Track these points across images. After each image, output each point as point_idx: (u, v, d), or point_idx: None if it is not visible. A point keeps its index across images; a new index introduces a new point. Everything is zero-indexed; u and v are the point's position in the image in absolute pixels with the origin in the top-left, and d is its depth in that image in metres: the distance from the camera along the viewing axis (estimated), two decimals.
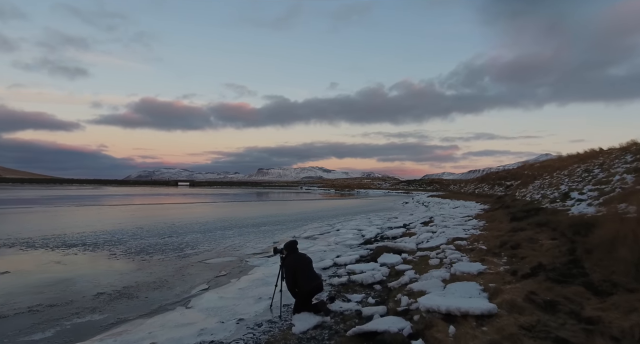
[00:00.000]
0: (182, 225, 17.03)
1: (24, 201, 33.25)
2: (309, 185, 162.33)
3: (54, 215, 21.05)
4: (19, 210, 23.98)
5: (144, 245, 11.78)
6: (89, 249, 10.87)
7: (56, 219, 19.17)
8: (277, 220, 20.32)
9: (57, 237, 12.95)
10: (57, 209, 25.27)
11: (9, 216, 20.55)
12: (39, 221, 18.31)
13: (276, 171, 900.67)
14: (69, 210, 24.56)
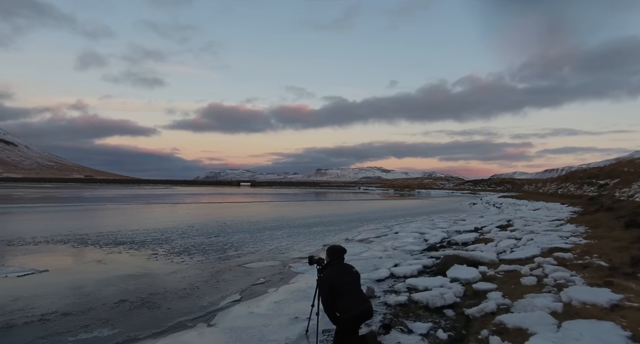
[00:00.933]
0: (233, 224, 16.55)
1: (102, 199, 36.22)
2: (366, 185, 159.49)
3: (120, 213, 22.08)
4: (93, 207, 25.79)
5: (189, 245, 11.24)
6: (134, 248, 10.55)
7: (119, 216, 19.97)
8: (330, 220, 19.07)
9: (112, 234, 13.03)
10: (125, 206, 26.77)
11: (81, 212, 21.99)
12: (103, 218, 19.17)
13: (334, 172, 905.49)
14: (135, 208, 25.82)
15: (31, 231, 13.19)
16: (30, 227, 14.75)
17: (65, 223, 16.35)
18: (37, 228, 14.24)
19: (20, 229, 13.85)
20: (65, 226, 14.85)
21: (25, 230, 13.58)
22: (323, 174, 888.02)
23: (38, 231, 13.43)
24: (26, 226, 15.33)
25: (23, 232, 13.06)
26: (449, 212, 26.39)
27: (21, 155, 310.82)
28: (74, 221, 17.35)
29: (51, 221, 17.60)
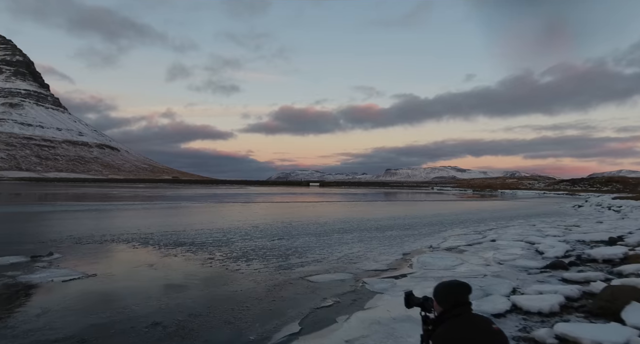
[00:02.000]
0: (299, 225, 15.23)
1: (180, 198, 38.20)
2: (441, 185, 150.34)
3: (192, 211, 22.33)
4: (170, 206, 26.79)
5: (249, 248, 10.04)
6: (192, 251, 9.64)
7: (190, 215, 20.03)
8: (406, 223, 16.77)
9: (175, 233, 12.49)
10: (199, 205, 27.39)
11: (157, 211, 22.72)
12: (175, 216, 19.32)
13: (404, 171, 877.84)
14: (208, 207, 26.20)
15: (104, 228, 13.30)
16: (106, 224, 15.10)
17: (139, 221, 16.59)
18: (111, 225, 14.44)
19: (96, 226, 14.13)
20: (137, 224, 14.91)
21: (100, 227, 13.79)
22: (393, 174, 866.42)
23: (110, 228, 13.51)
24: (104, 223, 15.78)
25: (97, 229, 13.20)
26: (550, 216, 22.11)
27: (123, 159, 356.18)
28: (147, 219, 17.63)
29: (127, 218, 18.15)
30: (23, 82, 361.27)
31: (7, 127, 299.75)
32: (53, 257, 8.53)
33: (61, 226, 14.86)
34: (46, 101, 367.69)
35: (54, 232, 12.58)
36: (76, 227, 14.21)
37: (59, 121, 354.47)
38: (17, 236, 11.67)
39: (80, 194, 42.93)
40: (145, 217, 18.83)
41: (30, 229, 13.87)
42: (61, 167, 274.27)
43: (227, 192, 57.77)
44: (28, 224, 15.46)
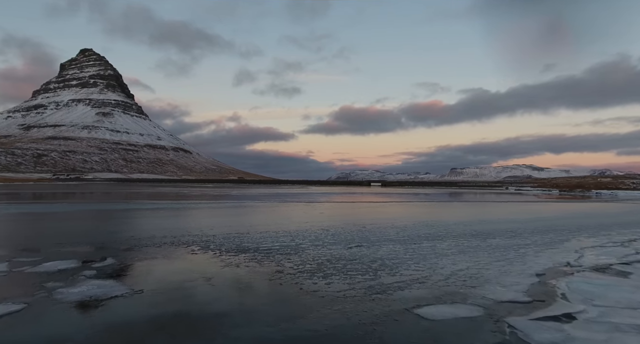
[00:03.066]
0: (375, 229, 13.05)
1: (245, 197, 38.15)
2: (517, 185, 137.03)
3: (255, 211, 21.30)
4: (234, 205, 26.26)
5: (324, 258, 8.14)
6: (257, 259, 8.00)
7: (254, 215, 18.91)
8: (506, 229, 13.67)
9: (239, 236, 11.09)
10: (262, 205, 26.52)
11: (222, 210, 22.10)
12: (238, 216, 18.30)
13: (472, 171, 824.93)
14: (271, 206, 25.16)
15: (167, 229, 12.43)
16: (170, 223, 14.36)
17: (203, 221, 15.73)
18: (175, 225, 13.62)
19: (160, 226, 13.38)
20: (200, 224, 13.95)
21: (164, 227, 12.99)
22: (458, 173, 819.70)
23: (173, 228, 12.61)
24: (168, 222, 15.13)
25: (160, 229, 12.36)
26: None
27: (194, 161, 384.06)
28: (211, 219, 16.77)
29: (192, 217, 17.50)
30: (113, 93, 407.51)
31: (100, 133, 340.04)
32: (105, 263, 7.42)
33: (127, 225, 14.43)
34: (131, 110, 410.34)
35: (117, 232, 11.95)
36: (140, 226, 13.61)
37: (142, 127, 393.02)
38: (81, 236, 11.13)
39: (155, 193, 45.30)
40: (209, 216, 18.09)
41: (97, 228, 13.54)
42: (143, 169, 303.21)
43: (290, 192, 57.43)
44: (97, 223, 15.35)
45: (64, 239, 10.47)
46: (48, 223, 14.94)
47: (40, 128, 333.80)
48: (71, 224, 14.57)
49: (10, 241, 10.02)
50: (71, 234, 11.62)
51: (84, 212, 19.92)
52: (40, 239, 10.50)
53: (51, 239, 10.51)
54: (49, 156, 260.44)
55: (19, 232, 11.78)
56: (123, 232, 11.95)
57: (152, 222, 15.15)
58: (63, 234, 11.63)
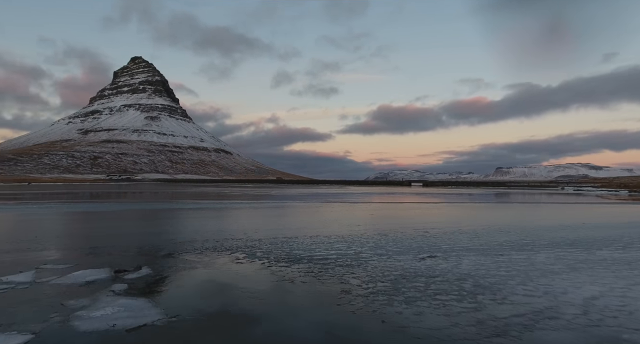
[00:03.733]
0: (441, 234, 11.20)
1: (286, 197, 37.28)
2: (574, 184, 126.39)
3: (300, 212, 20.06)
4: (277, 205, 25.25)
5: (395, 272, 6.54)
6: (314, 273, 6.57)
7: (300, 216, 17.64)
8: (604, 236, 11.20)
9: (287, 242, 9.76)
10: (306, 205, 25.29)
11: (265, 210, 21.09)
12: (284, 217, 17.11)
13: (519, 170, 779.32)
14: (315, 207, 23.86)
15: (210, 231, 11.41)
16: (213, 225, 13.40)
17: (246, 222, 14.68)
18: (217, 227, 12.61)
19: (202, 228, 12.42)
20: (244, 226, 12.85)
21: (206, 229, 12.00)
22: (504, 173, 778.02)
23: (216, 231, 11.56)
24: (211, 224, 14.21)
25: (202, 232, 11.37)
26: None
27: (234, 161, 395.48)
28: (255, 220, 15.70)
29: (235, 219, 16.54)
30: (160, 98, 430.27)
31: (148, 136, 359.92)
32: (139, 274, 6.33)
33: (169, 226, 13.66)
34: (176, 113, 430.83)
35: (158, 234, 11.09)
36: (182, 228, 12.74)
37: (186, 130, 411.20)
38: (121, 238, 10.34)
39: (199, 193, 45.80)
40: (252, 217, 17.06)
41: (139, 229, 12.83)
42: (187, 170, 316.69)
43: (329, 192, 56.07)
44: (139, 223, 14.77)
45: (103, 241, 9.71)
46: (93, 223, 14.58)
47: (96, 132, 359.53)
48: (115, 224, 14.07)
49: (48, 242, 9.39)
50: (111, 235, 10.90)
51: (130, 212, 19.71)
52: (79, 240, 9.81)
53: (90, 241, 9.79)
54: (103, 158, 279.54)
55: (61, 232, 11.30)
56: (164, 234, 11.07)
57: (194, 223, 14.30)
58: (103, 236, 10.96)
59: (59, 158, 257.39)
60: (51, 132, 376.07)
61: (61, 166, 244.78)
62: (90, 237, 10.53)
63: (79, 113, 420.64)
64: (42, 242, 9.28)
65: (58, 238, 10.00)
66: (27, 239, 9.78)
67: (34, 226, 12.64)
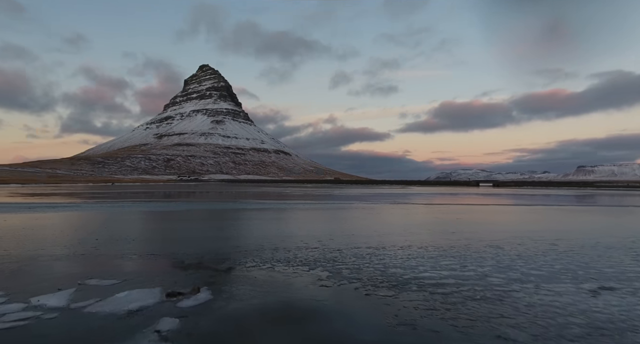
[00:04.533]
0: (577, 249, 8.28)
1: (350, 198, 35.27)
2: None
3: (372, 214, 17.86)
4: (342, 205, 23.33)
5: (575, 322, 4.12)
6: (436, 309, 4.41)
7: (374, 219, 15.47)
8: None
9: (374, 254, 7.70)
10: (375, 206, 23.02)
11: (332, 211, 19.26)
12: (358, 220, 15.05)
13: (607, 169, 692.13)
14: (387, 208, 21.49)
15: (278, 236, 9.77)
16: (281, 229, 11.79)
17: (318, 226, 12.90)
18: (286, 231, 10.95)
19: (269, 232, 10.86)
20: (316, 230, 11.04)
21: (273, 234, 10.40)
22: (588, 172, 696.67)
23: (285, 236, 9.89)
24: (278, 227, 12.66)
25: (269, 237, 9.77)
26: None
27: (293, 162, 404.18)
28: (327, 223, 13.88)
29: (303, 221, 14.86)
30: (224, 102, 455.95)
31: (214, 139, 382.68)
32: (195, 300, 4.71)
33: (234, 229, 12.34)
34: (239, 117, 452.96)
35: (222, 240, 9.69)
36: (248, 232, 11.29)
37: (248, 132, 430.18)
38: (181, 244, 9.08)
39: (261, 193, 45.76)
40: (322, 220, 15.29)
41: (202, 233, 11.63)
42: (249, 171, 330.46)
43: (394, 192, 52.94)
44: (204, 226, 13.70)
45: (162, 247, 8.50)
46: (157, 224, 13.89)
47: (169, 136, 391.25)
48: (178, 226, 13.17)
49: (106, 247, 8.41)
50: (172, 241, 9.76)
51: (196, 212, 19.12)
52: (137, 246, 8.72)
53: (149, 246, 8.65)
54: (175, 160, 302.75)
55: (122, 235, 10.48)
56: (228, 240, 9.65)
57: (260, 226, 12.87)
58: (164, 240, 9.87)
59: (137, 161, 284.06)
60: (132, 138, 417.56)
61: (140, 168, 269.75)
62: (149, 242, 9.45)
63: (155, 119, 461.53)
64: (100, 247, 8.30)
65: (117, 242, 9.04)
66: (87, 242, 8.93)
67: (99, 227, 12.11)
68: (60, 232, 10.47)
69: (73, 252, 7.71)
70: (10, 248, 8.03)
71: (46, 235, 9.90)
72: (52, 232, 10.41)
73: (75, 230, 11.14)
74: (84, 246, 8.31)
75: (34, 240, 9.07)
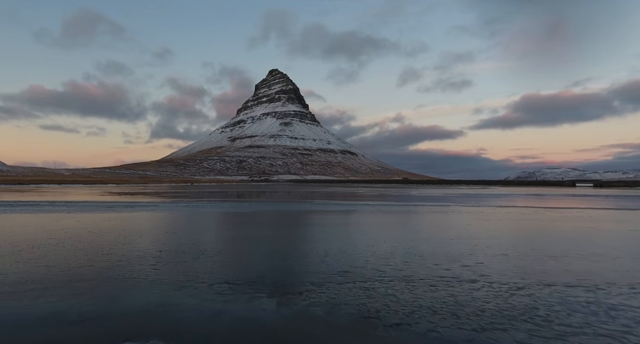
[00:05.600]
0: None
1: (434, 198, 31.47)
2: None
3: (477, 217, 14.42)
4: (431, 209, 19.97)
5: None
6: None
7: (475, 224, 12.11)
8: None
9: (547, 297, 4.75)
10: (471, 209, 19.29)
11: (427, 215, 16.14)
12: (461, 229, 11.85)
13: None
14: (481, 211, 17.69)
15: (377, 255, 7.24)
16: (373, 241, 9.23)
17: (420, 237, 10.06)
18: (383, 248, 8.35)
19: (360, 248, 8.37)
20: (423, 247, 8.28)
21: (368, 250, 7.89)
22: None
23: (385, 255, 7.31)
24: (368, 238, 10.11)
25: (364, 254, 7.28)
26: None
27: (359, 162, 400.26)
28: (427, 234, 10.96)
29: (393, 228, 12.10)
30: (292, 105, 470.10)
31: (282, 141, 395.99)
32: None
33: (311, 240, 10.05)
34: (306, 118, 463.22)
35: (298, 258, 7.42)
36: (332, 245, 8.90)
37: (314, 133, 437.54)
38: (248, 264, 7.00)
39: (330, 193, 43.86)
40: (421, 228, 12.37)
41: (275, 245, 9.55)
42: (315, 171, 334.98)
43: (479, 193, 47.21)
44: (275, 233, 11.67)
45: (237, 271, 6.50)
46: (231, 229, 12.29)
47: (241, 139, 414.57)
48: (251, 233, 11.34)
49: (160, 270, 6.66)
50: (241, 260, 7.77)
51: (266, 214, 17.46)
52: (204, 266, 6.85)
53: (220, 267, 6.70)
54: (246, 162, 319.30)
55: (186, 246, 8.86)
56: (309, 257, 7.35)
57: (345, 236, 10.45)
58: (240, 255, 7.93)
59: (214, 162, 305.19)
60: (208, 141, 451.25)
61: (215, 169, 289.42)
62: (222, 256, 7.55)
63: (229, 123, 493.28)
64: (160, 265, 6.57)
65: (182, 256, 7.32)
66: (147, 255, 7.32)
67: (169, 232, 10.78)
68: (123, 239, 9.20)
69: (116, 275, 6.02)
70: (45, 263, 6.66)
71: (103, 243, 8.61)
72: (113, 238, 9.17)
73: (141, 236, 9.84)
74: (141, 265, 6.64)
75: (84, 250, 7.75)
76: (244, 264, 6.73)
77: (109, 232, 10.30)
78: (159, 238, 9.50)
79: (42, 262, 6.62)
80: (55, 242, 8.58)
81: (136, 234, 10.08)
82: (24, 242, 8.54)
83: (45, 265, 6.40)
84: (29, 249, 7.80)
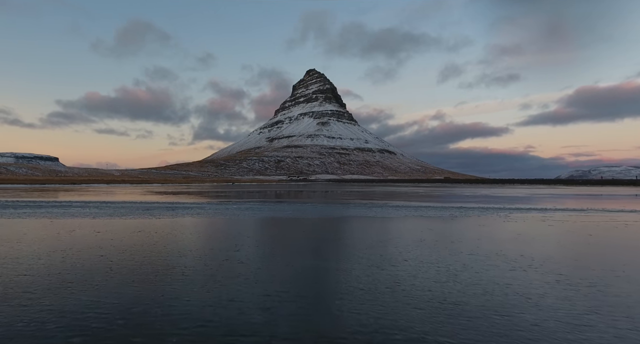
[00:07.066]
0: None
1: (490, 199, 27.38)
2: None
3: (562, 226, 10.81)
4: (500, 211, 16.33)
5: None
6: None
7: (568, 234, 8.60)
8: None
9: None
10: (525, 215, 15.46)
11: (493, 219, 12.71)
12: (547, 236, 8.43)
13: None
14: (541, 218, 13.84)
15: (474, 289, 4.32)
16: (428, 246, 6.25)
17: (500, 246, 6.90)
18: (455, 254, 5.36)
19: (410, 243, 5.44)
20: (536, 274, 5.22)
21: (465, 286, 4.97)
22: None
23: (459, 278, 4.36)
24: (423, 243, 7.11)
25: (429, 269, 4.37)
26: None
27: (398, 161, 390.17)
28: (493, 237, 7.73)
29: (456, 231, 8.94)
30: (329, 104, 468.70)
31: (319, 141, 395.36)
32: None
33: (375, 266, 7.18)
34: (343, 117, 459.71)
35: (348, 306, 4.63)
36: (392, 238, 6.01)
37: (352, 133, 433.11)
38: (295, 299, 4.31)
39: (369, 192, 40.68)
40: (492, 233, 9.12)
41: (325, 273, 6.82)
42: (353, 170, 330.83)
43: (540, 192, 41.77)
44: (311, 250, 8.93)
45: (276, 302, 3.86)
46: (279, 241, 9.80)
47: (279, 139, 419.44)
48: (297, 247, 8.73)
49: None
50: (290, 293, 5.13)
51: (304, 221, 14.85)
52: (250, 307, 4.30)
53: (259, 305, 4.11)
54: (284, 162, 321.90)
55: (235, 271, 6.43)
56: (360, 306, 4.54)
57: (416, 253, 7.50)
58: (291, 283, 5.32)
59: (253, 162, 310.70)
60: (247, 142, 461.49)
61: (254, 169, 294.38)
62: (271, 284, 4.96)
63: (267, 124, 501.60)
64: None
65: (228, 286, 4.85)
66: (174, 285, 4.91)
67: (206, 246, 8.47)
68: (152, 254, 6.92)
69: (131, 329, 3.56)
70: (40, 296, 4.38)
71: (121, 269, 6.35)
72: (138, 259, 6.91)
73: (180, 256, 7.56)
74: (160, 311, 4.19)
75: (64, 311, 5.47)
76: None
77: (128, 260, 8.11)
78: (210, 269, 7.12)
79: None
80: (30, 281, 5.27)
81: (172, 265, 7.79)
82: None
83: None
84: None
